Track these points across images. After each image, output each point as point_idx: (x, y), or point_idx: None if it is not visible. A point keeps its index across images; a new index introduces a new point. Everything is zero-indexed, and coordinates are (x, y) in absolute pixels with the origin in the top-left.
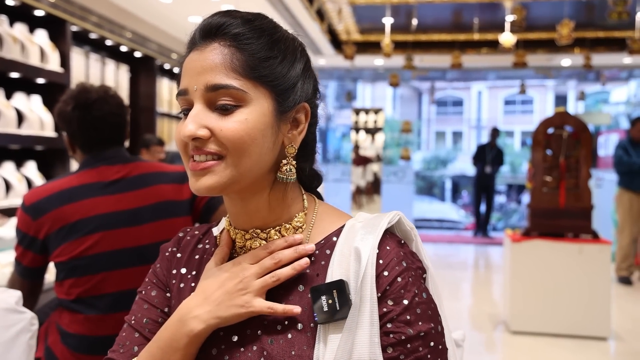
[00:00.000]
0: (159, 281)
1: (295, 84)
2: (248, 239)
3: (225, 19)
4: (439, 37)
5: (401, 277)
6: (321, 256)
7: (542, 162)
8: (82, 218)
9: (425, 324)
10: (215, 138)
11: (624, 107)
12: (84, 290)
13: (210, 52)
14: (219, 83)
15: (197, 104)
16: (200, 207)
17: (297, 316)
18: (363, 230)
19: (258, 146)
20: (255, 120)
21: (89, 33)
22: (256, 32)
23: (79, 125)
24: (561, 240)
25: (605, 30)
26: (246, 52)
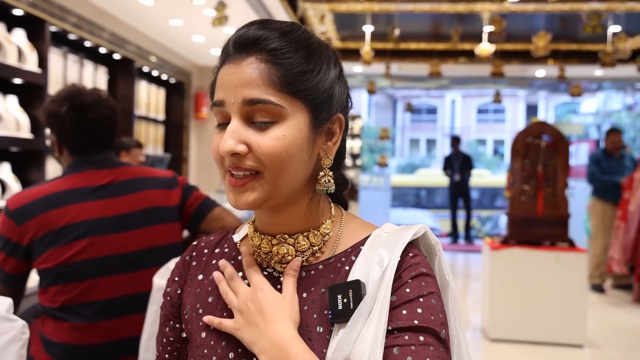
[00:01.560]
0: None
1: (330, 96)
2: (275, 244)
3: (262, 32)
4: (417, 46)
5: (414, 280)
6: (347, 263)
7: (520, 171)
8: (68, 223)
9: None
10: (252, 154)
11: (592, 117)
12: (70, 298)
13: (247, 66)
14: (257, 98)
15: (234, 118)
16: (190, 213)
17: (317, 319)
18: (388, 239)
19: (295, 161)
20: (292, 136)
21: (68, 34)
22: (293, 46)
23: (72, 127)
24: (539, 249)
25: (578, 43)
26: (283, 67)
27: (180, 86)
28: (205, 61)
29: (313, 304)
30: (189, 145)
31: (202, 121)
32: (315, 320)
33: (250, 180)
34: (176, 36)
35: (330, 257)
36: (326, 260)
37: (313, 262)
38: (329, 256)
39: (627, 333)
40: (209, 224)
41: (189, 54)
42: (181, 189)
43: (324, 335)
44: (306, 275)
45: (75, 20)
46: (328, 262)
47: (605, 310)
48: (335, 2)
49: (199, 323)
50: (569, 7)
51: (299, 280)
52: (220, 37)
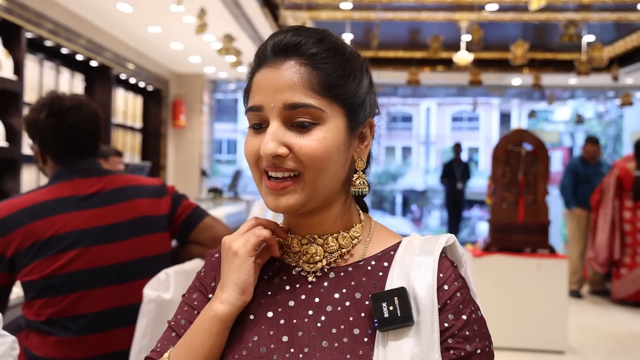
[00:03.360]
0: (202, 285)
1: (364, 101)
2: (305, 243)
3: (300, 37)
4: (395, 54)
5: (460, 293)
6: (378, 267)
7: (501, 178)
8: (55, 234)
9: (482, 342)
10: (293, 155)
11: (564, 125)
12: (56, 311)
13: (287, 70)
14: (299, 102)
15: (273, 121)
16: (179, 222)
17: (354, 321)
18: (423, 246)
19: (334, 163)
20: (332, 138)
21: (44, 40)
22: (330, 52)
23: (53, 133)
24: (520, 255)
25: (553, 52)
26: (323, 72)
27: (158, 94)
28: (184, 69)
29: (348, 307)
30: (166, 154)
31: (179, 129)
32: (352, 322)
33: (291, 184)
34: (154, 43)
35: (360, 260)
36: (356, 262)
37: (341, 264)
38: (358, 259)
39: (606, 338)
40: (199, 234)
41: (167, 62)
42: (170, 198)
43: (361, 337)
44: (335, 276)
45: (52, 26)
46: (358, 265)
47: (584, 316)
48: (316, 10)
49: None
50: (545, 16)
51: (328, 280)
52: (199, 45)
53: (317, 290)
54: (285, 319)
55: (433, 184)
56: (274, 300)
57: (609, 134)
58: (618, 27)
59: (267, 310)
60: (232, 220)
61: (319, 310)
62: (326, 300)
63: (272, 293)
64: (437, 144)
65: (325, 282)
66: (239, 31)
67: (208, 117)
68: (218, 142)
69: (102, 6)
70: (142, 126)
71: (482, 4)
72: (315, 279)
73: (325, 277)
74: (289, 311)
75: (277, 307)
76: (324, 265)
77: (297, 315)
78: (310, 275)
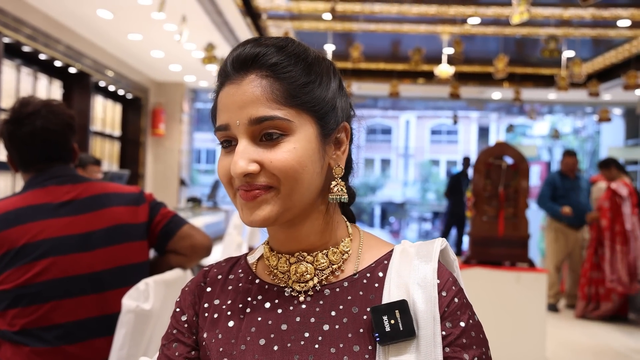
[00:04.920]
0: (178, 331)
1: (334, 105)
2: (293, 262)
3: (259, 48)
4: (377, 66)
5: (457, 298)
6: (374, 278)
7: (482, 191)
8: (29, 242)
9: (479, 348)
10: (265, 170)
11: (541, 140)
12: (31, 321)
13: (248, 84)
14: (263, 115)
15: (241, 139)
16: (157, 231)
17: (353, 338)
18: (419, 253)
19: (308, 173)
20: (303, 148)
21: (22, 45)
22: (292, 59)
23: (10, 141)
24: (500, 269)
25: (534, 66)
26: (285, 81)
27: (137, 102)
28: (164, 77)
29: (345, 323)
30: (145, 162)
31: (159, 138)
32: (351, 339)
33: (264, 192)
34: (135, 51)
35: (354, 273)
36: (350, 277)
37: (333, 281)
38: (351, 273)
39: (583, 352)
40: (177, 243)
41: (147, 69)
42: (148, 206)
43: (362, 354)
44: (331, 293)
45: (30, 31)
46: (352, 279)
47: (561, 330)
48: (298, 20)
49: (219, 349)
50: (526, 31)
51: (323, 297)
52: (180, 53)
53: (312, 310)
54: (279, 345)
55: (412, 196)
56: (266, 326)
57: (586, 150)
58: (597, 43)
59: (258, 338)
60: (211, 230)
61: (315, 330)
62: (323, 320)
63: (262, 319)
64: (416, 157)
65: (321, 301)
66: (220, 40)
67: (188, 127)
68: (197, 151)
69: (82, 12)
70: (121, 134)
71: (464, 17)
72: (309, 299)
73: (320, 295)
74: (282, 336)
75: (270, 333)
76: (315, 284)
77: (292, 339)
78: (302, 295)
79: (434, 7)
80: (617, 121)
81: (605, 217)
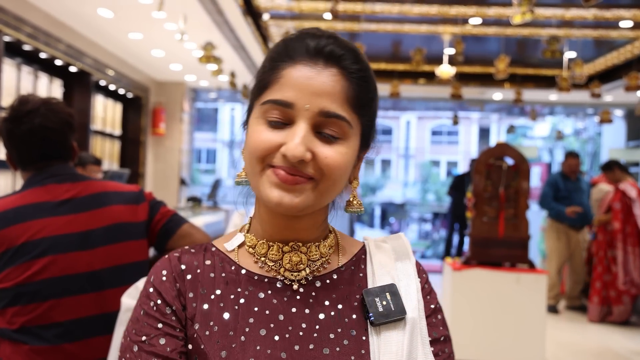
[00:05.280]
0: (165, 325)
1: (374, 126)
2: (287, 251)
3: (343, 50)
4: (378, 66)
5: (427, 284)
6: (358, 270)
7: (482, 192)
8: (28, 240)
9: (445, 329)
10: (315, 163)
11: (542, 141)
12: (30, 319)
13: (330, 77)
14: (335, 112)
15: (302, 124)
16: (157, 230)
17: (349, 323)
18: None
19: (344, 179)
20: (350, 155)
21: (23, 44)
22: (367, 72)
23: (8, 139)
24: (500, 270)
25: (535, 67)
26: (360, 89)
27: (138, 101)
28: (164, 76)
29: (341, 309)
30: (145, 162)
31: (159, 137)
32: (348, 324)
33: (304, 183)
34: (135, 50)
35: (340, 266)
36: (338, 269)
37: (323, 272)
38: (337, 265)
39: (583, 354)
40: (178, 241)
41: (148, 69)
42: (148, 204)
43: (359, 337)
44: (322, 284)
45: (31, 30)
46: (340, 271)
47: (560, 331)
48: (299, 19)
49: (216, 341)
50: (528, 31)
51: (315, 289)
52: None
53: (306, 301)
54: (279, 335)
55: (412, 197)
56: (264, 316)
57: (587, 151)
58: (599, 44)
59: (258, 328)
60: (211, 229)
61: (311, 320)
62: (317, 309)
63: (259, 309)
64: (416, 157)
65: (313, 292)
66: (220, 39)
67: (188, 126)
68: (197, 151)
69: (83, 11)
70: (122, 133)
71: (466, 17)
72: (302, 289)
73: (312, 287)
74: (280, 326)
75: (269, 323)
76: (307, 274)
77: (290, 330)
78: (295, 284)
79: (435, 7)
80: (619, 122)
81: (617, 219)
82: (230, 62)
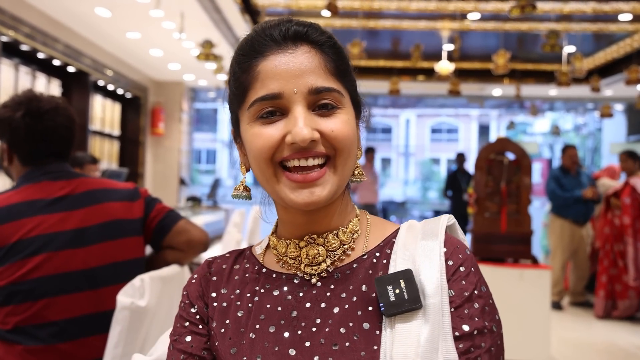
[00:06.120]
0: (191, 323)
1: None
2: (303, 246)
3: (305, 27)
4: (376, 63)
5: (463, 267)
6: (382, 256)
7: (484, 187)
8: (22, 238)
9: (481, 321)
10: (324, 139)
11: (542, 137)
12: (24, 319)
13: (304, 54)
14: (324, 85)
15: (298, 107)
16: (153, 226)
17: (362, 316)
18: (425, 229)
19: (355, 147)
20: (352, 122)
21: (20, 44)
22: (335, 39)
23: (27, 134)
24: (502, 266)
25: (534, 62)
26: (335, 59)
27: (137, 101)
28: (163, 76)
29: (355, 302)
30: (144, 162)
31: (158, 137)
32: (361, 317)
33: (324, 172)
34: (133, 49)
35: (363, 254)
36: (359, 257)
37: (345, 262)
38: (361, 253)
39: (589, 350)
40: (174, 238)
41: (146, 68)
42: (143, 201)
43: (372, 331)
44: (341, 276)
45: (28, 30)
46: (362, 260)
47: (564, 328)
48: (298, 17)
49: (228, 338)
50: (527, 26)
51: (334, 281)
52: (179, 52)
53: (323, 295)
54: (289, 332)
55: (412, 195)
56: (275, 313)
57: (587, 146)
58: (598, 38)
59: (268, 325)
60: (211, 229)
61: (326, 315)
62: (333, 303)
63: (271, 306)
64: (416, 155)
65: (332, 285)
66: (219, 37)
67: (187, 126)
68: (197, 152)
69: (80, 10)
70: (120, 133)
71: (464, 12)
72: (319, 283)
73: (330, 279)
74: (292, 322)
75: (280, 320)
76: (328, 265)
77: (303, 326)
78: (314, 278)
79: (434, 2)
80: (619, 117)
81: (628, 214)
82: (229, 60)
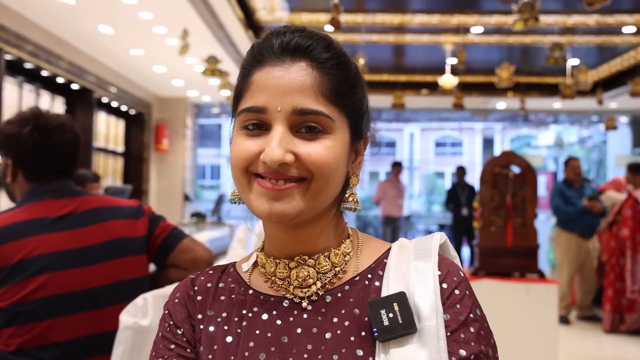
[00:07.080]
0: (177, 346)
1: (364, 114)
2: (293, 267)
3: (310, 40)
4: (380, 77)
5: (458, 290)
6: (374, 278)
7: (489, 201)
8: (25, 258)
9: (477, 345)
10: (299, 163)
11: (546, 150)
12: (27, 340)
13: (299, 72)
14: (310, 108)
15: (279, 126)
16: (157, 244)
17: (355, 342)
18: (417, 248)
19: (338, 175)
20: (339, 149)
21: (24, 62)
22: (341, 58)
23: (34, 150)
24: (509, 280)
25: (538, 75)
26: (334, 78)
27: (140, 117)
28: (166, 92)
29: (347, 327)
30: (149, 178)
31: (162, 153)
32: (354, 343)
33: (293, 188)
34: (137, 66)
35: (354, 275)
36: (351, 279)
37: (336, 284)
38: (352, 275)
39: None
40: (178, 256)
41: (150, 85)
42: (147, 219)
43: (366, 358)
44: (332, 299)
45: (32, 48)
46: (354, 281)
47: (574, 342)
48: None
49: None
50: (530, 39)
51: (325, 305)
52: (182, 68)
53: (314, 320)
54: (280, 358)
55: (417, 208)
56: (265, 339)
57: (592, 159)
58: (602, 50)
59: (258, 352)
60: (215, 245)
61: (318, 340)
62: (325, 328)
63: (260, 332)
64: (420, 169)
65: (323, 309)
66: (223, 54)
67: (191, 142)
68: (201, 167)
69: (84, 28)
70: (124, 150)
71: (467, 26)
72: (310, 307)
73: (322, 303)
74: (283, 349)
75: (270, 347)
76: (318, 288)
77: (294, 352)
78: (304, 301)
79: (437, 16)
80: (624, 129)
81: (627, 226)
82: (233, 76)
